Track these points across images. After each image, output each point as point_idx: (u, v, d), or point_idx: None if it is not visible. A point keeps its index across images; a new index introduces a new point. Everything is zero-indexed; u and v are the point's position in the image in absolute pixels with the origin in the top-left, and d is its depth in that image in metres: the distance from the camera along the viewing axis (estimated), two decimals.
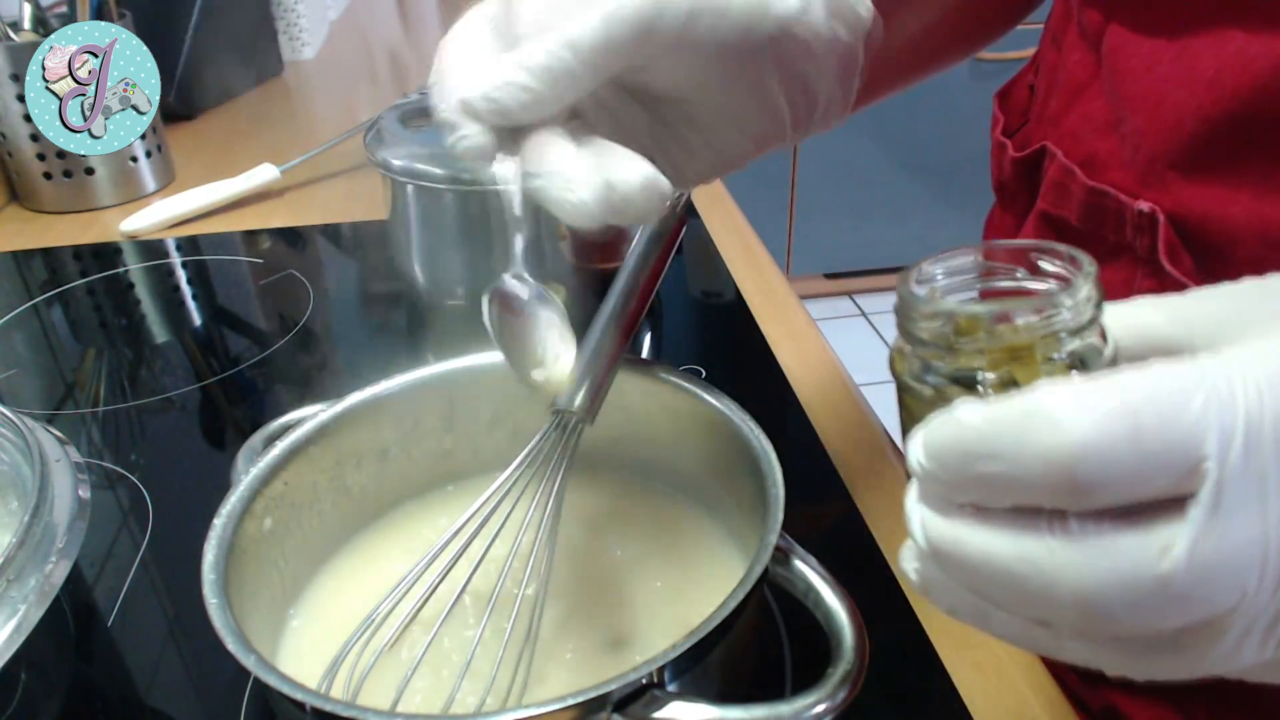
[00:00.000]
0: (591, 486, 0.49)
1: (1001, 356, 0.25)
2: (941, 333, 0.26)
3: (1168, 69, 0.38)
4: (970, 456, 0.22)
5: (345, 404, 0.45)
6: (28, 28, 0.90)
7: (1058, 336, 0.25)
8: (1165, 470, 0.20)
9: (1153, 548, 0.20)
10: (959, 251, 0.28)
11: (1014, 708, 0.40)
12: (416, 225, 0.66)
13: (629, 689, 0.31)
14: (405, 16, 1.67)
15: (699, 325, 0.73)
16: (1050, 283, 0.27)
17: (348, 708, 0.30)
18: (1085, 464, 0.20)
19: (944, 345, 0.26)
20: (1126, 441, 0.20)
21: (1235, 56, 0.35)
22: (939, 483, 0.23)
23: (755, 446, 0.40)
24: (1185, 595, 0.20)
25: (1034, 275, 0.27)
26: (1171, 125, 0.38)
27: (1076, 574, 0.21)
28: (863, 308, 2.52)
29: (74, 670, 0.46)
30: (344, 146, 0.97)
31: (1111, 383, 0.21)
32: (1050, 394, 0.21)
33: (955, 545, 0.23)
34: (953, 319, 0.25)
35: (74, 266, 0.84)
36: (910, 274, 0.28)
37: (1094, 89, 0.44)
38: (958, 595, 0.24)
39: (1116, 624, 0.21)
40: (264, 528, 0.41)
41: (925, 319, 0.26)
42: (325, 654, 0.39)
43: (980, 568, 0.22)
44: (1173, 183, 0.39)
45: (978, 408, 0.22)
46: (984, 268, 0.28)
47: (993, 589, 0.23)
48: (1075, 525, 0.21)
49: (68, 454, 0.46)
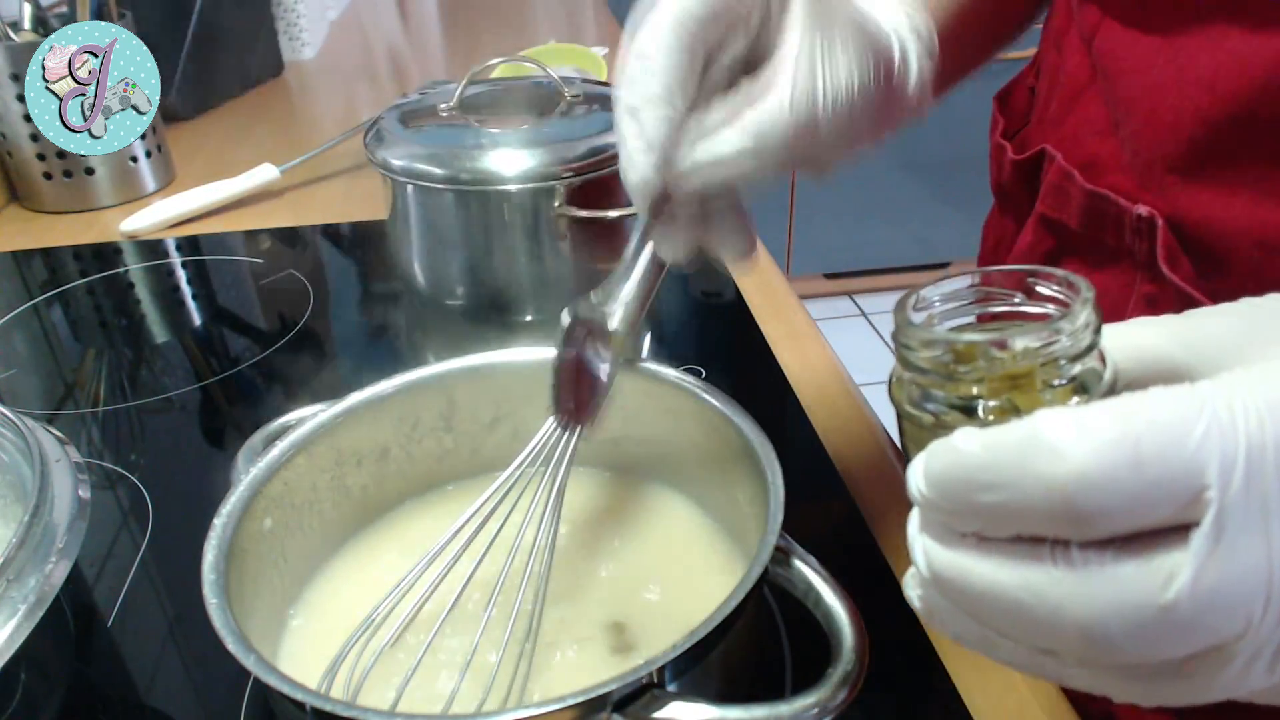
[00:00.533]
0: (592, 486, 0.49)
1: (1001, 384, 0.25)
2: (940, 361, 0.25)
3: (1162, 71, 0.38)
4: (970, 486, 0.21)
5: (345, 404, 0.45)
6: (28, 28, 0.90)
7: (1057, 363, 0.24)
8: (1167, 499, 0.20)
9: (1156, 577, 0.20)
10: (955, 278, 0.28)
11: (1014, 708, 0.40)
12: (416, 225, 0.66)
13: (629, 689, 0.31)
14: (405, 16, 1.67)
15: (699, 325, 0.73)
16: (1048, 307, 0.27)
17: (348, 708, 0.30)
18: (1085, 493, 0.20)
19: (943, 373, 0.25)
20: (1127, 470, 0.20)
21: (1230, 57, 0.35)
22: (940, 511, 0.23)
23: (755, 446, 0.40)
24: (1189, 624, 0.20)
25: (1031, 300, 0.27)
26: (1168, 128, 0.38)
27: (1079, 604, 0.21)
28: (863, 308, 2.52)
29: (74, 670, 0.46)
30: (344, 146, 0.97)
31: (1111, 410, 0.20)
32: (1049, 421, 0.21)
33: (959, 575, 0.23)
34: (951, 347, 0.25)
35: (74, 266, 0.84)
36: (907, 301, 0.28)
37: (1094, 91, 0.43)
38: (963, 623, 0.24)
39: (1120, 654, 0.21)
40: (264, 528, 0.41)
41: (924, 346, 0.26)
42: (325, 654, 0.39)
43: (983, 597, 0.22)
44: (1170, 187, 0.39)
45: (976, 435, 0.22)
46: (981, 293, 0.28)
47: (997, 618, 0.23)
48: (1077, 555, 0.21)
49: (68, 454, 0.46)
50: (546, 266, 0.66)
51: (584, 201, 0.63)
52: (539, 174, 0.62)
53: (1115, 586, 0.20)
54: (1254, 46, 0.34)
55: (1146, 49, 0.39)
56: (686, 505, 0.48)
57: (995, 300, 0.28)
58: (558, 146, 0.62)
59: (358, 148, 0.76)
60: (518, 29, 1.54)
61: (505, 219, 0.63)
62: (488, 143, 0.63)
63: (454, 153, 0.63)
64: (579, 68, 1.08)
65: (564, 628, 0.41)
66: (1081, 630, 0.21)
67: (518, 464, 0.39)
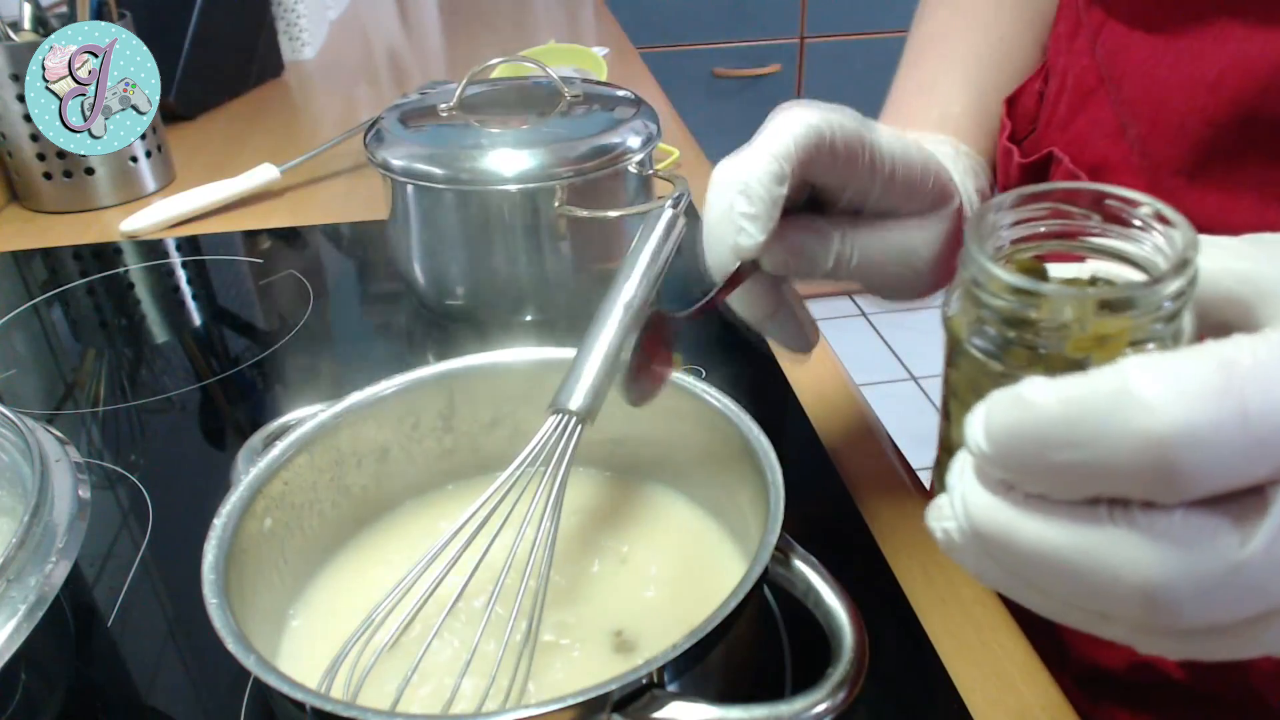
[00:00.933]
0: (592, 486, 0.49)
1: (1089, 340, 0.23)
2: (1018, 306, 0.23)
3: (1168, 72, 0.38)
4: (1044, 443, 0.20)
5: (345, 404, 0.45)
6: (28, 28, 0.90)
7: (1155, 317, 0.22)
8: (1271, 457, 0.18)
9: (1229, 538, 0.19)
10: (1029, 198, 0.26)
11: (1014, 708, 0.40)
12: (416, 225, 0.66)
13: (629, 689, 0.31)
14: (405, 16, 1.67)
15: (699, 325, 0.72)
16: (1135, 239, 0.24)
17: (348, 708, 0.30)
18: (1188, 451, 0.18)
19: (1017, 320, 0.23)
20: (1234, 426, 0.18)
21: (1234, 57, 0.35)
22: (1000, 469, 0.21)
23: (755, 446, 0.40)
24: (1258, 586, 0.19)
25: (1110, 225, 0.25)
26: (1174, 130, 0.38)
27: (1142, 566, 0.19)
28: (863, 308, 2.51)
29: (74, 670, 0.46)
30: (344, 146, 0.97)
31: (1207, 358, 0.19)
32: (1139, 372, 0.19)
33: (1005, 533, 0.21)
34: (1038, 296, 0.23)
35: (74, 266, 0.84)
36: (980, 226, 0.25)
37: (1102, 93, 0.43)
38: (986, 564, 0.23)
39: (1179, 618, 0.20)
40: (264, 528, 0.41)
41: (1004, 291, 0.23)
42: (325, 654, 0.39)
43: (1032, 558, 0.21)
44: (1177, 189, 0.39)
45: (1052, 388, 0.20)
46: (1057, 227, 0.26)
47: (1045, 578, 0.21)
48: (1140, 515, 0.19)
49: (68, 454, 0.46)
50: (546, 266, 0.66)
51: (584, 201, 0.63)
52: (539, 174, 0.62)
53: (1183, 547, 0.19)
54: (1258, 45, 0.34)
55: (1150, 50, 0.39)
56: (686, 505, 0.47)
57: (1072, 227, 0.25)
58: (558, 146, 0.62)
59: (358, 148, 0.76)
60: (518, 29, 1.54)
61: (505, 219, 0.63)
62: (488, 143, 0.63)
63: (454, 153, 0.62)
64: (579, 68, 1.08)
65: (564, 628, 0.41)
66: (1144, 593, 0.19)
67: (518, 464, 0.39)
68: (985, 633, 0.44)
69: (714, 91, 2.36)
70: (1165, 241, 0.24)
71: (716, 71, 2.34)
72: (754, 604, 0.36)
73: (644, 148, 0.65)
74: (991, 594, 0.46)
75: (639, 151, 0.65)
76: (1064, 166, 0.44)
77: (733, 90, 2.36)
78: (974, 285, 0.24)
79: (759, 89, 2.37)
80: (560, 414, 0.40)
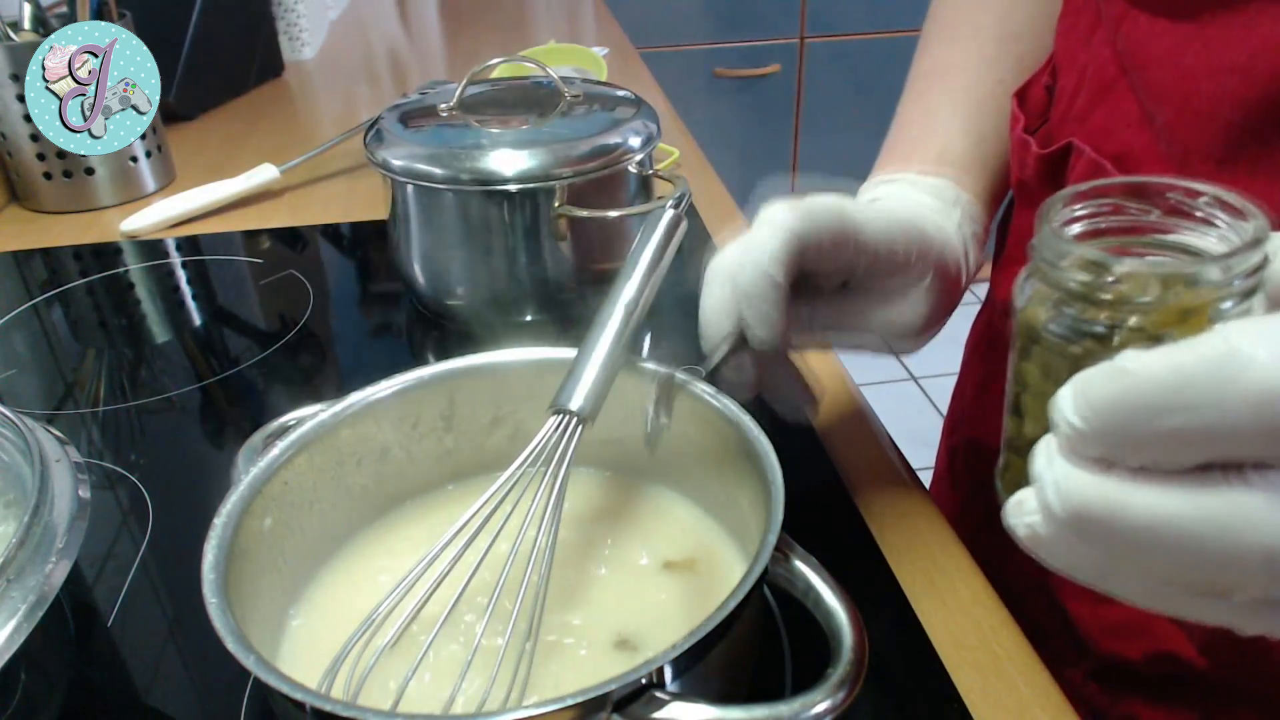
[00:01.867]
0: (592, 486, 0.49)
1: (1170, 315, 0.23)
2: (1102, 286, 0.23)
3: (1195, 59, 0.38)
4: (1150, 411, 0.20)
5: (345, 404, 0.45)
6: (28, 28, 0.90)
7: (1233, 290, 0.23)
8: None
9: None
10: (1101, 190, 0.26)
11: (1014, 708, 0.40)
12: (416, 225, 0.66)
13: (629, 689, 0.31)
14: (405, 16, 1.67)
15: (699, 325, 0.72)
16: (1203, 234, 0.25)
17: (348, 708, 0.30)
18: None
19: (1100, 299, 0.23)
20: None
21: (1265, 40, 0.35)
22: (1101, 443, 0.21)
23: (755, 446, 0.40)
24: None
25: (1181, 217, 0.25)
26: (1203, 116, 0.38)
27: (1265, 527, 0.19)
28: None
29: (74, 670, 0.46)
30: (344, 146, 0.97)
31: None
32: (1241, 334, 0.19)
33: (1111, 510, 0.21)
34: (1125, 274, 0.23)
35: (74, 266, 0.84)
36: (1053, 215, 0.25)
37: (1124, 84, 0.43)
38: (1080, 555, 0.23)
39: None
40: (264, 528, 0.41)
41: (1084, 269, 0.23)
42: (325, 654, 0.39)
43: (1144, 532, 0.20)
44: (1206, 175, 0.38)
45: (1154, 355, 0.20)
46: (1128, 214, 0.26)
47: (1157, 553, 0.21)
48: (1255, 476, 0.19)
49: (68, 454, 0.46)
50: (546, 266, 0.66)
51: (584, 202, 0.63)
52: (539, 174, 0.62)
53: None
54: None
55: (1176, 38, 0.39)
56: (687, 505, 0.48)
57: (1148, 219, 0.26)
58: (558, 146, 0.62)
59: (358, 148, 0.76)
60: (518, 29, 1.54)
61: (505, 219, 0.63)
62: (488, 143, 0.63)
63: (454, 153, 0.62)
64: (579, 68, 1.08)
65: (564, 628, 0.41)
66: (1267, 556, 0.19)
67: (518, 464, 0.39)
68: (985, 633, 0.44)
69: (714, 91, 2.36)
70: (1230, 230, 0.25)
71: (716, 71, 2.34)
72: (754, 604, 0.36)
73: (644, 148, 0.65)
74: (992, 594, 0.46)
75: (639, 151, 0.65)
76: (1086, 156, 0.44)
77: (733, 90, 2.36)
78: (1051, 268, 0.24)
79: (759, 89, 2.37)
80: (561, 414, 0.40)
